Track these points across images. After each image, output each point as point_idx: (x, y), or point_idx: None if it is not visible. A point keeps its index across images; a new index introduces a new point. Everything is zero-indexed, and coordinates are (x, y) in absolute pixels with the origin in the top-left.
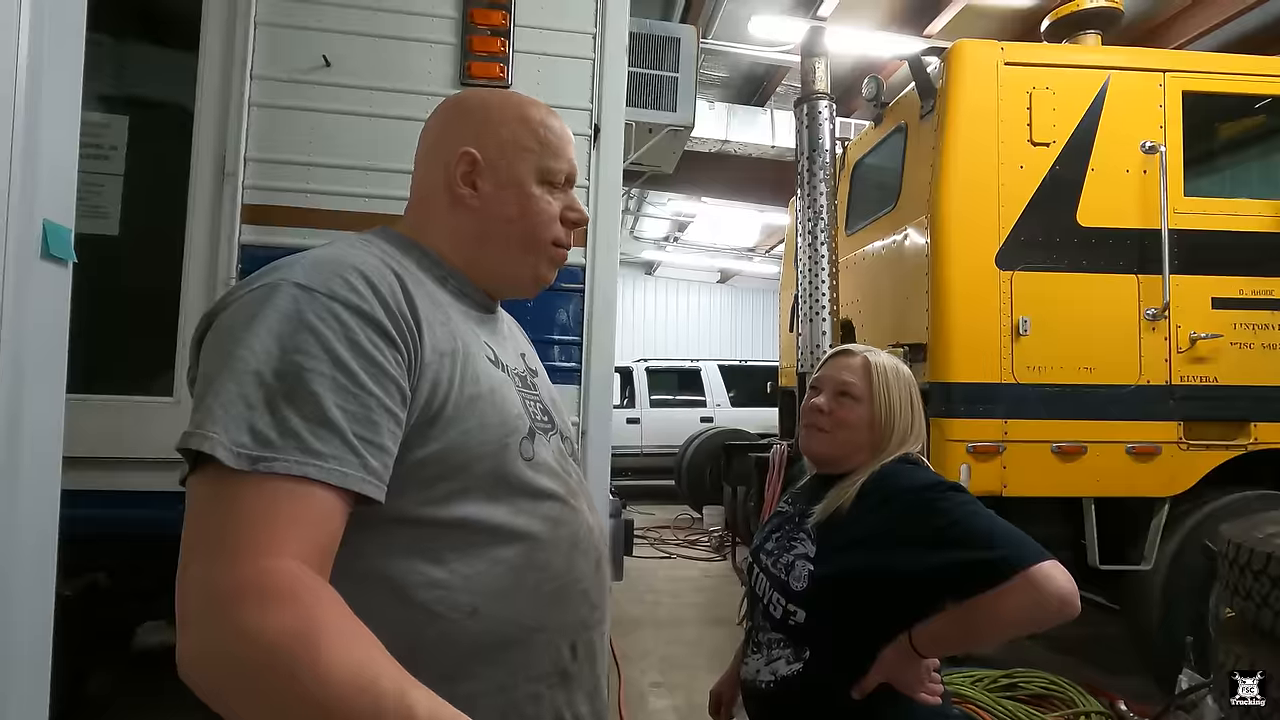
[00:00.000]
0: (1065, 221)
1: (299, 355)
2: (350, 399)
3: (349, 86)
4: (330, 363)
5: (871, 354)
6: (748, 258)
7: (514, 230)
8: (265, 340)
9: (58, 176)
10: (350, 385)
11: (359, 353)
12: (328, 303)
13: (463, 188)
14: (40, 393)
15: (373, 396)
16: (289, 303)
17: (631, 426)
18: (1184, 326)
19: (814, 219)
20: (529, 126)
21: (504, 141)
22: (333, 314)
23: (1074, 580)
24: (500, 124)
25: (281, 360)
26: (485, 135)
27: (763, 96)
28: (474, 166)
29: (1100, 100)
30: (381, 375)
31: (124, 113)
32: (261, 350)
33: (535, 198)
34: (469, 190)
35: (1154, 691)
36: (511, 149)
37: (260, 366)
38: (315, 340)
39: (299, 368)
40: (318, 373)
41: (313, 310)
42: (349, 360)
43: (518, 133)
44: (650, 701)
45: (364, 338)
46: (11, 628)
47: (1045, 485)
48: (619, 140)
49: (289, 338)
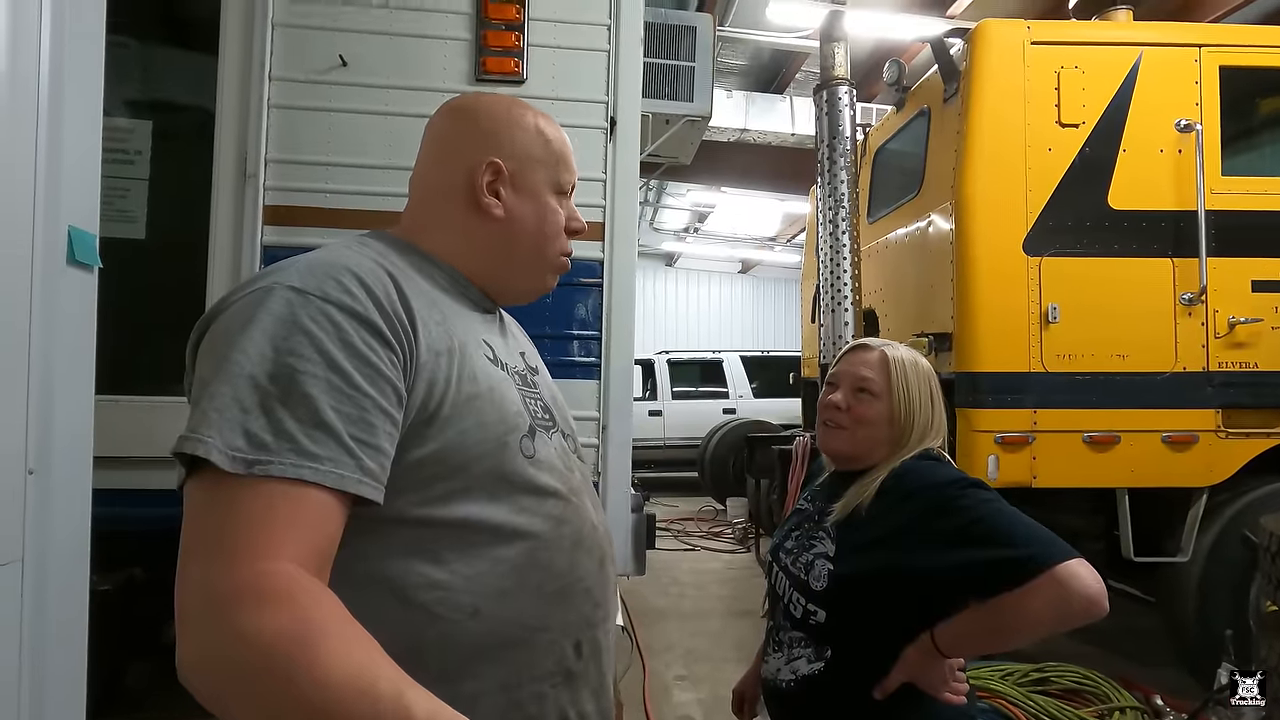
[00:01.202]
0: (1096, 205)
1: (293, 358)
2: (345, 400)
3: (366, 86)
4: (324, 365)
5: (889, 348)
6: (769, 247)
7: (531, 241)
8: (259, 343)
9: (81, 182)
10: (345, 387)
11: (353, 354)
12: (321, 305)
13: (488, 197)
14: (69, 395)
15: (368, 398)
16: (283, 306)
17: (654, 419)
18: (1222, 311)
19: (835, 207)
20: (544, 138)
21: (524, 153)
22: (326, 316)
23: (1101, 579)
24: (518, 135)
25: (275, 363)
26: (506, 146)
27: (781, 84)
28: (498, 176)
29: (1132, 78)
30: (376, 376)
31: (148, 117)
32: (255, 354)
33: (551, 209)
34: (493, 200)
35: (1190, 685)
36: (531, 160)
37: (254, 370)
38: (309, 342)
39: (293, 370)
40: (312, 375)
41: (306, 313)
42: (343, 362)
43: (534, 143)
44: (675, 694)
45: (358, 339)
46: (47, 622)
47: (1077, 476)
48: (636, 132)
49: (283, 340)
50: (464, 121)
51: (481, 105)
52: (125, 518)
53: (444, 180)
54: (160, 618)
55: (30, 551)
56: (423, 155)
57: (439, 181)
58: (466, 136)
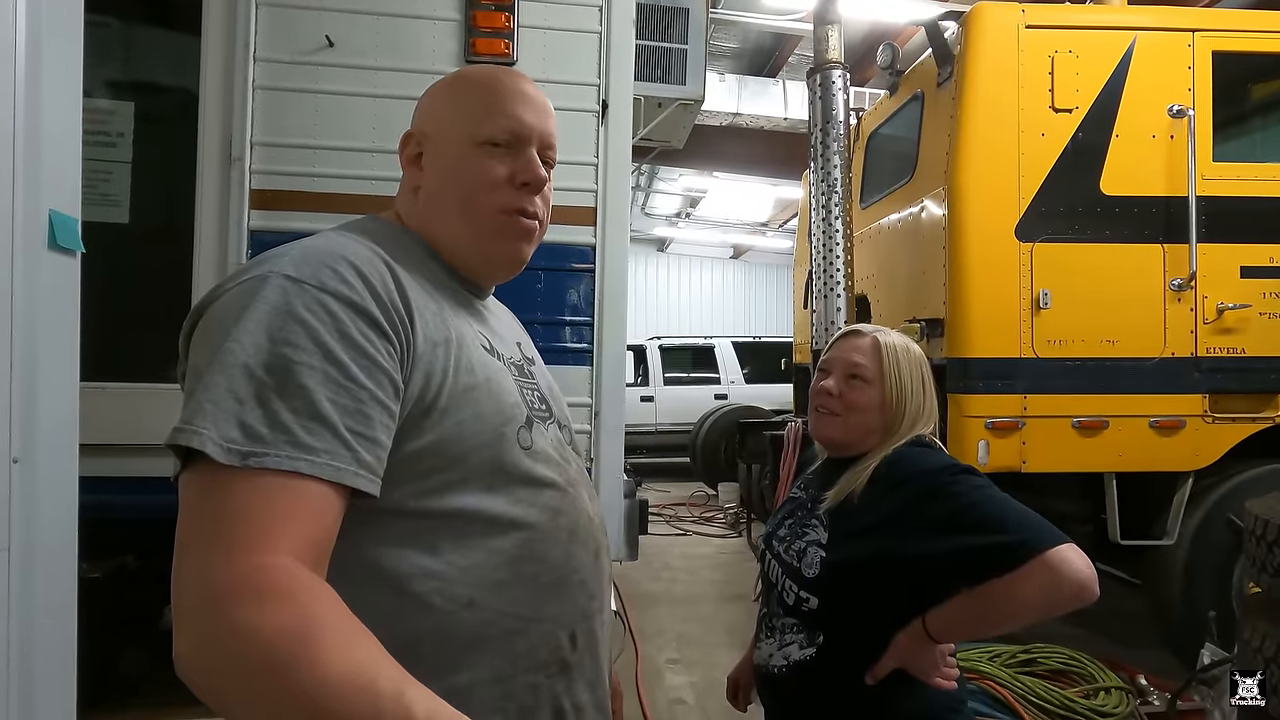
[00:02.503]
0: (1088, 190)
1: (288, 348)
2: (341, 392)
3: (353, 67)
4: (321, 356)
5: (881, 334)
6: (761, 232)
7: (456, 199)
8: (254, 333)
9: (62, 166)
10: (341, 378)
11: (350, 345)
12: (317, 294)
13: (409, 167)
14: (53, 382)
15: (364, 389)
16: (278, 295)
17: (646, 405)
18: (1211, 297)
19: (828, 192)
20: (461, 90)
21: (438, 114)
22: (323, 306)
23: (1092, 564)
24: (435, 97)
25: (271, 354)
26: (424, 113)
27: (774, 67)
28: (409, 144)
29: (1126, 63)
30: (373, 367)
31: (130, 99)
32: (250, 344)
33: (471, 162)
34: (415, 169)
35: (1173, 665)
36: (444, 119)
37: (249, 360)
38: (305, 333)
39: (289, 361)
40: (308, 366)
41: (302, 302)
42: (339, 353)
43: (449, 101)
44: (667, 678)
45: (354, 329)
46: (36, 611)
47: (1066, 461)
48: (628, 116)
49: (278, 330)
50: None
51: (433, 88)
52: (115, 505)
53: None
54: (153, 605)
55: (16, 540)
56: None
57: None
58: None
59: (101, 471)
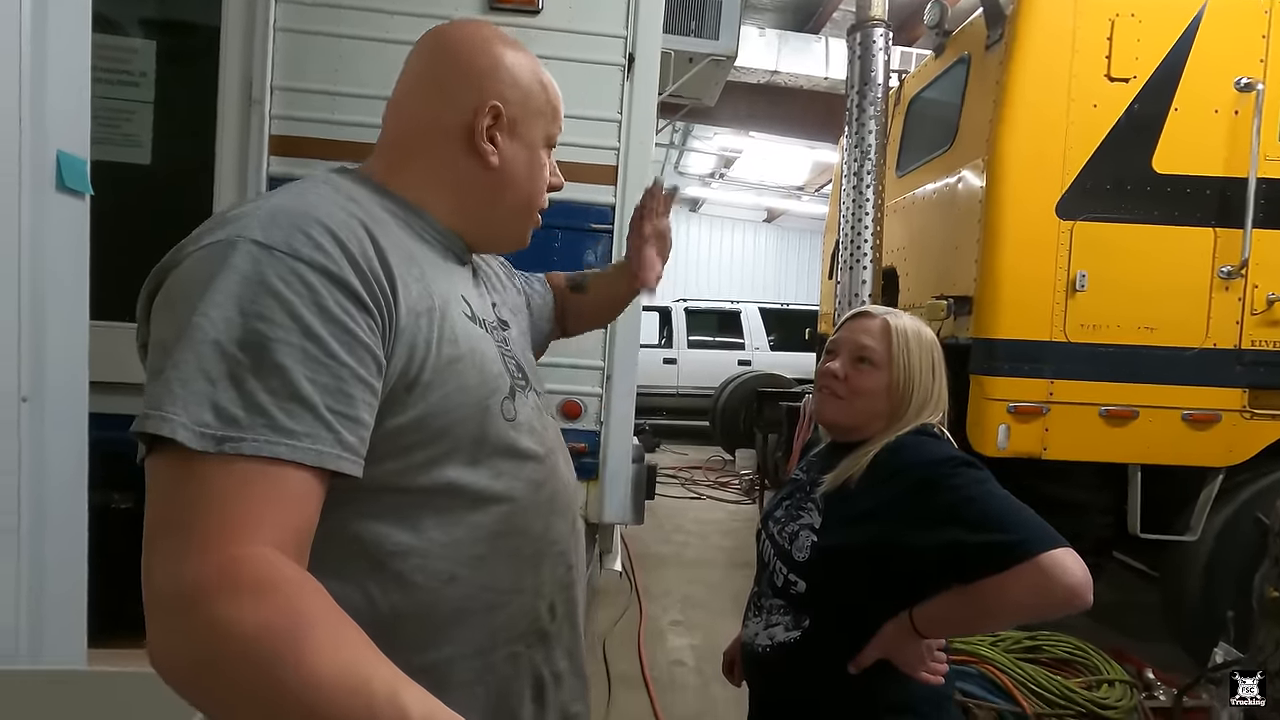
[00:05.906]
0: (1139, 167)
1: (263, 323)
2: (321, 370)
3: (375, 10)
4: (299, 331)
5: (892, 316)
6: (796, 196)
7: (522, 193)
8: (224, 306)
9: (69, 106)
10: (321, 355)
11: (328, 319)
12: (291, 263)
13: (485, 142)
14: (62, 322)
15: (345, 367)
16: (248, 263)
17: (668, 367)
18: (1262, 287)
19: (860, 159)
20: (544, 88)
21: (526, 100)
22: (298, 276)
23: (1088, 570)
24: (522, 80)
25: (244, 329)
26: (509, 90)
27: (818, 23)
28: (497, 121)
29: (1193, 29)
30: (354, 343)
31: (152, 37)
32: (220, 318)
33: (541, 163)
34: (489, 145)
35: (1183, 661)
36: (532, 109)
37: (220, 336)
38: (280, 306)
39: (264, 337)
40: (285, 342)
41: (275, 272)
42: (318, 328)
43: (537, 92)
44: (669, 639)
45: (333, 302)
46: (45, 544)
47: (1089, 450)
48: (654, 71)
49: (250, 303)
50: (459, 55)
51: (479, 40)
52: None
53: (433, 118)
54: None
55: (26, 476)
56: (406, 87)
57: (426, 119)
58: (463, 73)
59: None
